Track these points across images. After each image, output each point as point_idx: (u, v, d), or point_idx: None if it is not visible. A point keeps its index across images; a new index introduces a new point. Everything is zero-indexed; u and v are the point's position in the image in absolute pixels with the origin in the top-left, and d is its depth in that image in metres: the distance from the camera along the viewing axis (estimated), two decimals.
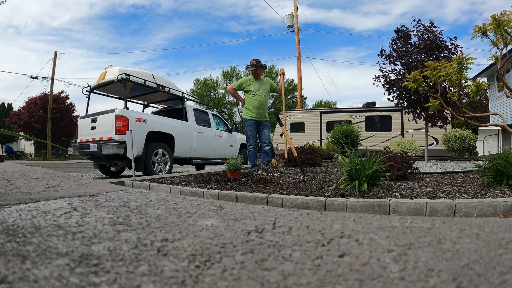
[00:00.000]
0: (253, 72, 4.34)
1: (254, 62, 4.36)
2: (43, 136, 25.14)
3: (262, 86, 4.39)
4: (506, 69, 8.65)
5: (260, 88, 4.35)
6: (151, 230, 0.66)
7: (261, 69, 4.38)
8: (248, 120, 4.37)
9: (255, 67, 4.32)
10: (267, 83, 4.48)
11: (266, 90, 4.41)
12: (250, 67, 4.37)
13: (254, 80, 4.39)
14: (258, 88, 4.34)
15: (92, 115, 5.46)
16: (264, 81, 4.45)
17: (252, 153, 4.37)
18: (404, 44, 7.51)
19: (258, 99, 4.30)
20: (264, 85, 4.42)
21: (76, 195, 1.16)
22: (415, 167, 3.40)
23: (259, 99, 4.31)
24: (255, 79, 4.39)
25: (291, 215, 0.80)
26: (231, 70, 37.78)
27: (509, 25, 3.45)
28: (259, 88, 4.34)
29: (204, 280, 0.41)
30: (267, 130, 4.53)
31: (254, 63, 4.34)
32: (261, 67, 4.39)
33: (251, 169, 4.12)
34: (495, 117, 10.17)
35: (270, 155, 4.42)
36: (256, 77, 4.39)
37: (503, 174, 2.31)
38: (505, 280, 0.39)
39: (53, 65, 21.19)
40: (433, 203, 1.79)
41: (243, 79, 4.51)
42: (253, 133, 4.34)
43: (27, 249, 0.53)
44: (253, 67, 4.31)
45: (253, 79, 4.40)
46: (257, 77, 4.39)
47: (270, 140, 4.50)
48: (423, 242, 0.55)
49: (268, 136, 4.51)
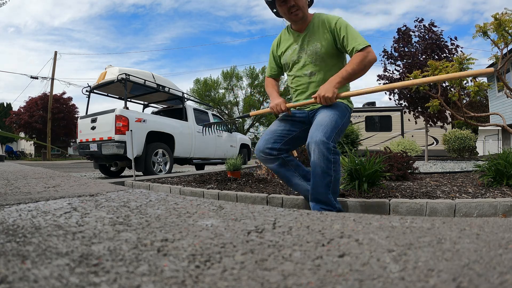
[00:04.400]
0: (283, 13, 1.75)
1: None
2: (43, 136, 25.17)
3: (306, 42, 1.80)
4: (506, 69, 8.64)
5: (301, 48, 1.81)
6: (151, 230, 0.66)
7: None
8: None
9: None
10: (320, 33, 1.76)
11: (315, 51, 1.76)
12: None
13: (289, 32, 1.88)
14: (298, 48, 1.82)
15: (92, 115, 5.46)
16: (314, 29, 1.78)
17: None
18: (405, 44, 7.52)
19: (298, 79, 1.86)
20: (312, 40, 1.78)
21: (76, 195, 1.16)
22: (415, 167, 3.40)
23: (300, 78, 1.84)
24: (292, 30, 1.86)
25: (291, 215, 0.80)
26: (231, 70, 37.78)
27: (510, 25, 3.44)
28: (300, 48, 1.82)
29: (204, 280, 0.41)
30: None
31: None
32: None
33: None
34: (495, 117, 10.17)
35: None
36: (294, 24, 1.83)
37: (503, 174, 2.31)
38: (505, 280, 0.39)
39: (53, 65, 21.20)
40: (433, 203, 1.79)
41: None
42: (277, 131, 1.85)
43: (27, 249, 0.53)
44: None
45: (287, 31, 1.90)
46: (295, 23, 1.81)
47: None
48: (423, 242, 0.55)
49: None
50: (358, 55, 1.65)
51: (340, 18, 1.76)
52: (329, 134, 1.57)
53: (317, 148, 1.54)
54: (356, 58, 1.65)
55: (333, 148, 1.56)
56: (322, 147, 1.53)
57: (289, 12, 1.72)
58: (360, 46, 1.65)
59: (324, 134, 1.56)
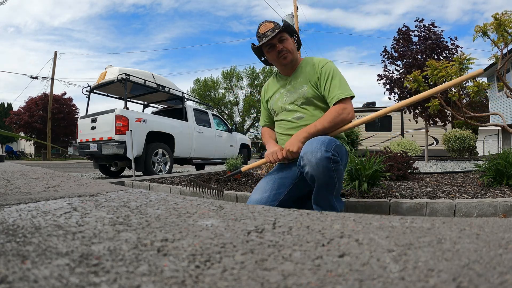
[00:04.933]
0: (272, 59, 1.70)
1: (268, 25, 1.63)
2: (43, 136, 25.18)
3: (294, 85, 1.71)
4: (506, 69, 8.64)
5: (288, 91, 1.73)
6: (151, 230, 0.66)
7: (286, 42, 1.64)
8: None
9: (268, 41, 1.61)
10: (307, 75, 1.67)
11: (302, 94, 1.65)
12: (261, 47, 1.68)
13: (277, 78, 1.83)
14: (285, 92, 1.74)
15: (92, 115, 5.46)
16: (302, 72, 1.69)
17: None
18: (405, 44, 7.52)
19: (287, 124, 1.73)
20: (299, 82, 1.69)
21: (76, 195, 1.16)
22: (415, 167, 3.40)
23: (289, 123, 1.72)
24: (280, 75, 1.81)
25: (291, 215, 0.80)
26: (231, 70, 37.78)
27: (510, 25, 3.44)
28: (287, 92, 1.73)
29: (204, 280, 0.41)
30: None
31: (269, 27, 1.62)
32: (287, 33, 1.66)
33: None
34: (495, 117, 10.17)
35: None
36: (282, 69, 1.76)
37: (503, 174, 2.31)
38: (505, 280, 0.39)
39: (53, 65, 21.21)
40: (433, 203, 1.79)
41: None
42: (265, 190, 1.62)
43: (27, 249, 0.53)
44: (266, 38, 1.60)
45: (275, 77, 1.85)
46: (284, 68, 1.73)
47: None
48: (423, 242, 0.55)
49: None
50: (332, 109, 1.53)
51: (330, 62, 1.65)
52: (327, 143, 1.38)
53: (313, 158, 1.35)
54: (329, 113, 1.52)
55: (333, 157, 1.36)
56: (320, 155, 1.34)
57: (277, 57, 1.64)
58: (337, 98, 1.52)
59: (322, 144, 1.37)
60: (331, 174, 1.37)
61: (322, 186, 1.40)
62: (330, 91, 1.57)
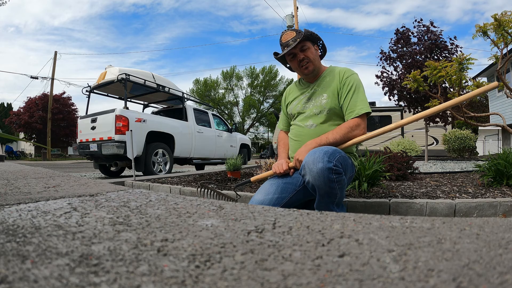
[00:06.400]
0: (294, 67, 1.72)
1: (290, 34, 1.64)
2: (43, 136, 25.19)
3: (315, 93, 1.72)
4: (506, 69, 8.64)
5: (308, 98, 1.73)
6: (151, 230, 0.66)
7: (308, 51, 1.64)
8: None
9: (290, 51, 1.63)
10: (329, 84, 1.66)
11: (320, 103, 1.65)
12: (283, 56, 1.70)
13: (300, 84, 1.83)
14: (304, 99, 1.75)
15: (92, 115, 5.47)
16: (324, 81, 1.70)
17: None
18: (404, 45, 7.52)
19: (298, 130, 1.74)
20: (320, 91, 1.70)
21: (76, 195, 1.16)
22: (415, 167, 3.40)
23: (301, 129, 1.72)
24: (303, 81, 1.83)
25: (291, 215, 0.80)
26: (231, 70, 37.79)
27: (510, 25, 3.44)
28: (306, 99, 1.74)
29: (204, 280, 0.41)
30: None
31: (291, 36, 1.62)
32: (308, 41, 1.65)
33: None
34: (495, 117, 10.17)
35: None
36: (305, 77, 1.77)
37: (503, 174, 2.31)
38: (505, 280, 0.39)
39: (53, 65, 21.20)
40: (433, 203, 1.79)
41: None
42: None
43: (27, 249, 0.53)
44: (288, 48, 1.62)
45: (299, 82, 1.86)
46: (306, 76, 1.74)
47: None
48: (423, 242, 0.55)
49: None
50: (347, 124, 1.54)
51: (355, 74, 1.64)
52: (330, 154, 1.34)
53: (314, 167, 1.31)
54: (343, 127, 1.53)
55: (334, 167, 1.31)
56: (322, 165, 1.31)
57: (299, 66, 1.66)
58: (354, 114, 1.53)
59: (325, 154, 1.33)
60: (332, 185, 1.33)
61: (323, 196, 1.38)
62: (350, 104, 1.57)
